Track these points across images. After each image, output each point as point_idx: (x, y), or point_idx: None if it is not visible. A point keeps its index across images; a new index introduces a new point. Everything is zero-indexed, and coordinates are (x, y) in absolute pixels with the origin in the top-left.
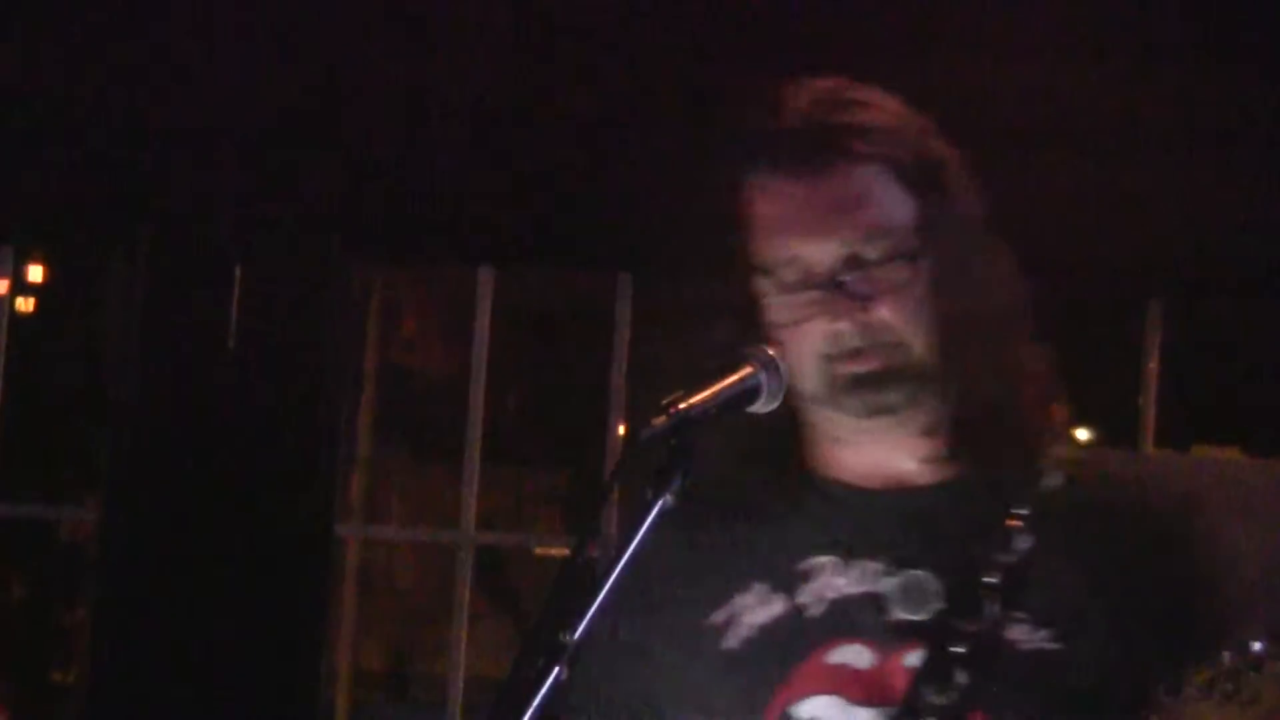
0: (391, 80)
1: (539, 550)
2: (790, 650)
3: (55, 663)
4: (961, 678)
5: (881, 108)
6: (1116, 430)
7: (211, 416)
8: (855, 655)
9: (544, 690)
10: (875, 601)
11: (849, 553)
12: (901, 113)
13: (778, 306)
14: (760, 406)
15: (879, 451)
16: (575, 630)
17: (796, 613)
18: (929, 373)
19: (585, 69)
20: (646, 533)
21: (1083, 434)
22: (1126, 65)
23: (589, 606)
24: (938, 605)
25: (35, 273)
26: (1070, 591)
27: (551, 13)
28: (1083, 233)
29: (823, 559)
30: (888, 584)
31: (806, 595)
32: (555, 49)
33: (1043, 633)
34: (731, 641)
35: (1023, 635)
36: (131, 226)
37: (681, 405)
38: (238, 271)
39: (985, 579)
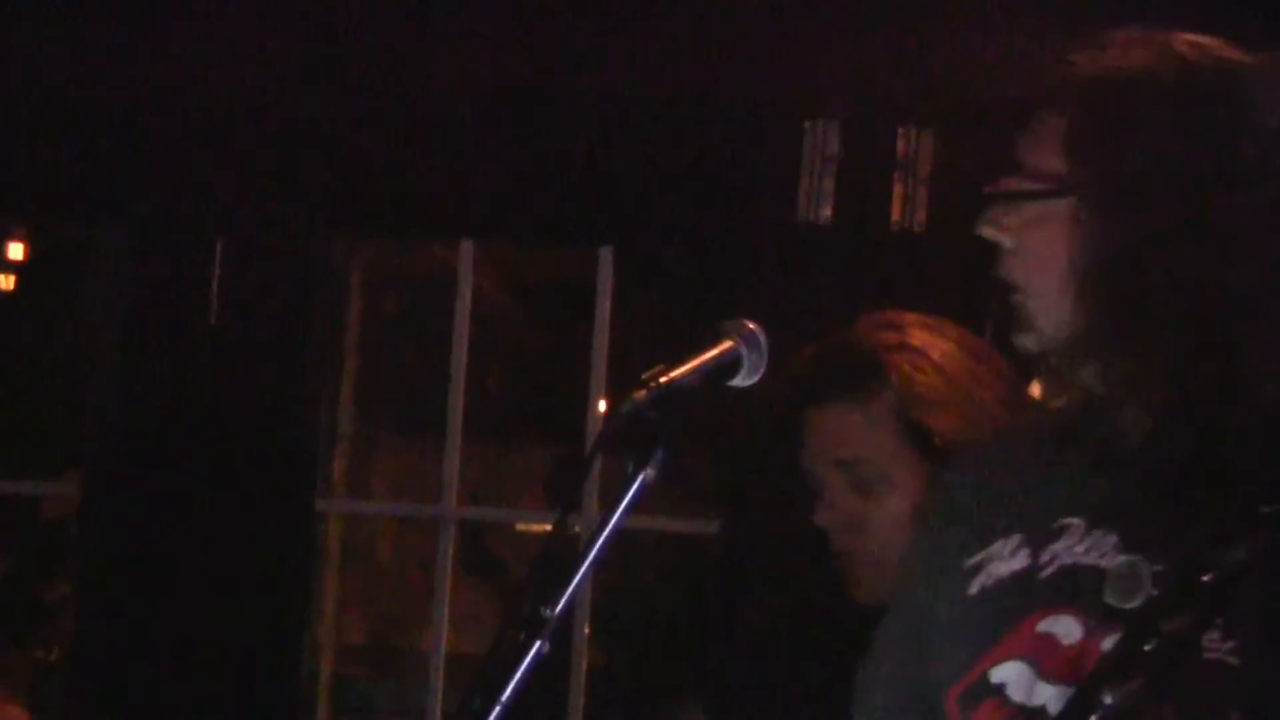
0: (374, 56)
1: (521, 525)
2: (1015, 609)
3: (37, 639)
4: (1140, 679)
5: (1095, 60)
6: None
7: (193, 392)
8: (1064, 628)
9: (525, 664)
10: (1099, 577)
11: (1094, 518)
12: (1110, 67)
13: None
14: (741, 380)
15: (1128, 414)
16: (557, 605)
17: (1033, 571)
18: (1054, 346)
19: (568, 44)
20: (627, 507)
21: None
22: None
23: (571, 581)
24: (1145, 595)
25: (16, 250)
26: (1273, 604)
27: None
28: None
29: (1073, 520)
30: (1114, 562)
31: (1047, 555)
32: (539, 25)
33: (1230, 644)
34: (974, 588)
35: (1209, 642)
36: (113, 203)
37: (662, 379)
38: (219, 247)
39: (1200, 576)
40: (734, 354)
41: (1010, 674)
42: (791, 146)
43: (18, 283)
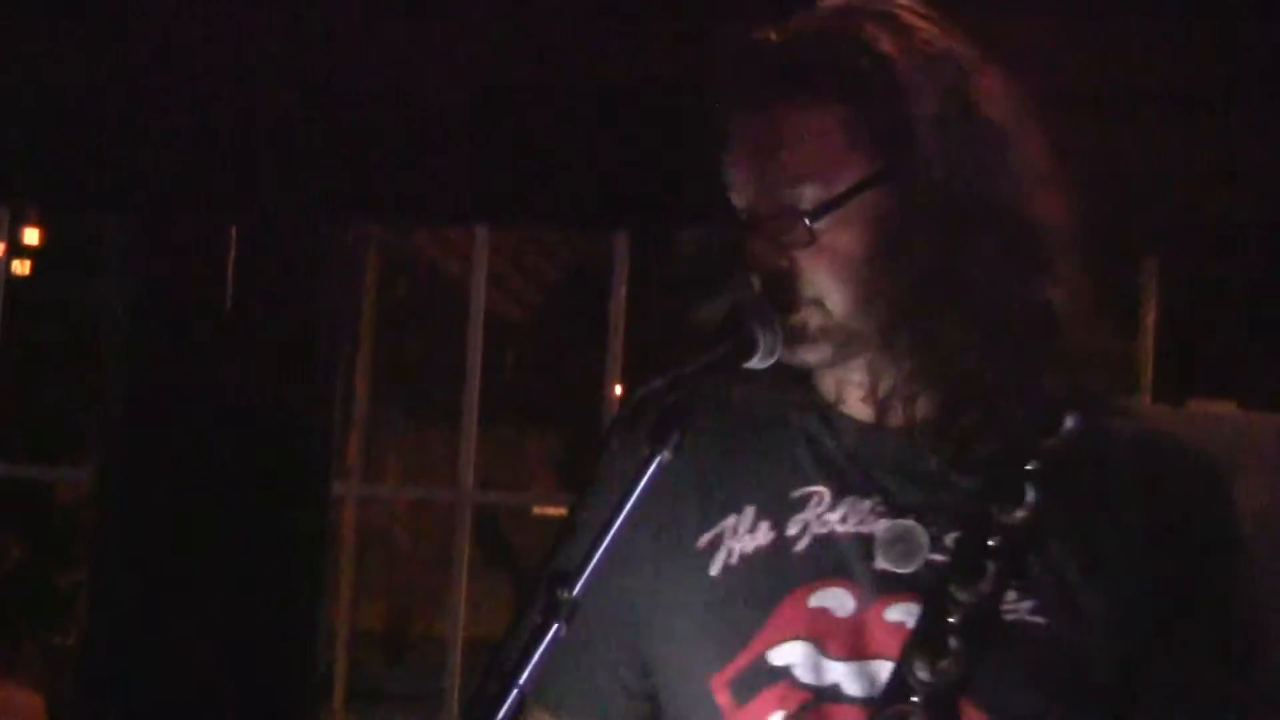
0: (387, 41)
1: (537, 510)
2: (774, 587)
3: (53, 625)
4: (952, 655)
5: (866, 49)
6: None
7: (207, 377)
8: (837, 600)
9: (542, 647)
10: (864, 543)
11: (843, 486)
12: (895, 57)
13: None
14: (756, 362)
15: (878, 387)
16: (574, 587)
17: (783, 545)
18: (856, 335)
19: (579, 29)
20: (644, 489)
21: None
22: (1117, 23)
23: (586, 564)
24: (924, 559)
25: (31, 236)
26: (1065, 559)
27: None
28: (1077, 190)
29: (815, 488)
30: (878, 527)
31: (794, 527)
32: (550, 10)
33: (1029, 603)
34: (715, 569)
35: (1007, 604)
36: (127, 189)
37: (678, 362)
38: (233, 233)
39: (988, 540)
40: (749, 336)
41: (794, 655)
42: None
43: (33, 268)
